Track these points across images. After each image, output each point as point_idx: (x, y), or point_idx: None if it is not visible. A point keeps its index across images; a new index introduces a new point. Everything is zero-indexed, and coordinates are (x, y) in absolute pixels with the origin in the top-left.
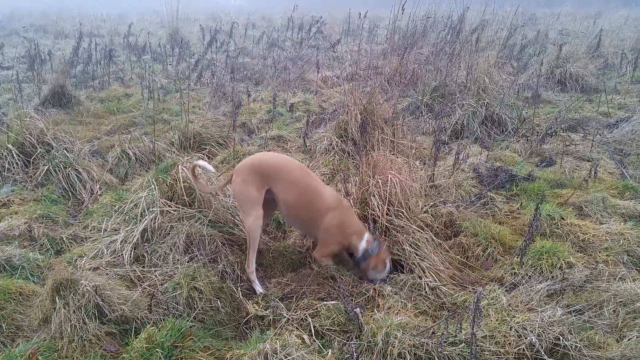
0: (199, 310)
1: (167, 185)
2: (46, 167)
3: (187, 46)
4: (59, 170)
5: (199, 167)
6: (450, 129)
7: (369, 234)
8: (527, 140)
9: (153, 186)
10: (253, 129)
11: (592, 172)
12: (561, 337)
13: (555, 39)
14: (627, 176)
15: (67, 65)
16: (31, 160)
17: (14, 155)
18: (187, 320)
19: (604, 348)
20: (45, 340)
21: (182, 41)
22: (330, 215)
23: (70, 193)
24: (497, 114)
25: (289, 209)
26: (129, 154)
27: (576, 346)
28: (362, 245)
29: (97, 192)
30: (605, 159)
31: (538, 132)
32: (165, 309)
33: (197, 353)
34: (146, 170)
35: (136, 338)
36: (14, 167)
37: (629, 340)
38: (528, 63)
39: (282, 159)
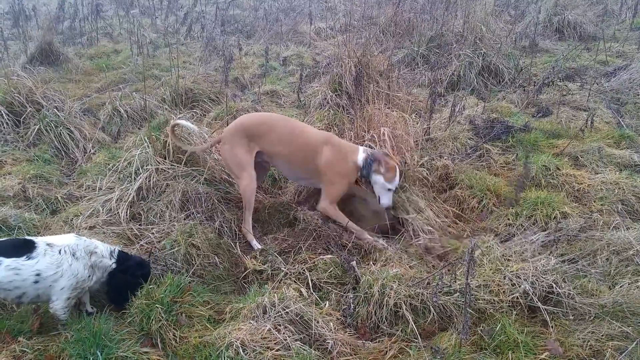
0: (198, 266)
1: (160, 142)
2: (37, 127)
3: None
4: (51, 130)
5: (180, 126)
6: (446, 80)
7: (363, 147)
8: (524, 90)
9: (146, 144)
10: (246, 84)
11: (589, 122)
12: (555, 285)
13: None
14: (624, 125)
15: (54, 22)
16: (21, 119)
17: (3, 115)
18: (186, 276)
19: (596, 295)
20: None
21: None
22: (324, 149)
23: (63, 152)
24: (494, 64)
25: (284, 160)
26: (120, 112)
27: (569, 293)
28: (360, 156)
29: (90, 150)
30: (602, 108)
31: (535, 82)
32: (164, 266)
33: (197, 308)
34: (139, 128)
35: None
36: (4, 127)
37: (620, 287)
38: (525, 11)
39: (263, 115)
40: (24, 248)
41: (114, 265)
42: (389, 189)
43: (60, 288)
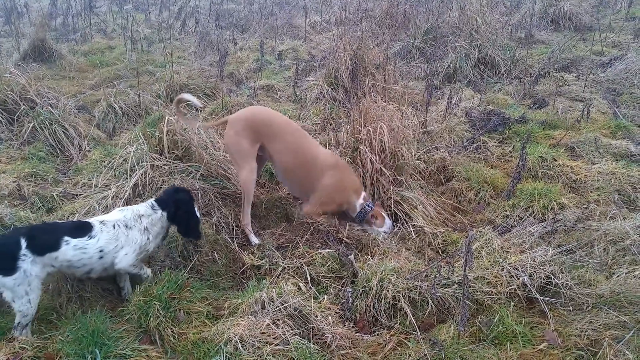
0: (195, 262)
1: (155, 139)
2: (31, 125)
3: None
4: (45, 127)
5: (185, 100)
6: (442, 73)
7: (365, 193)
8: (520, 82)
9: (141, 140)
10: (241, 79)
11: (585, 113)
12: (552, 276)
13: None
14: (620, 115)
15: (46, 18)
16: (15, 117)
17: None
18: (184, 273)
19: (594, 285)
20: (43, 299)
21: None
22: (329, 175)
23: (58, 150)
24: (490, 56)
25: (284, 170)
26: (115, 108)
27: (567, 284)
28: (359, 202)
29: (85, 148)
30: (598, 98)
31: (531, 74)
32: (162, 262)
33: (195, 304)
34: (134, 124)
35: (134, 292)
36: None
37: (618, 276)
38: (521, 2)
39: (276, 116)
40: (84, 229)
41: (164, 214)
42: (384, 231)
43: (124, 254)
